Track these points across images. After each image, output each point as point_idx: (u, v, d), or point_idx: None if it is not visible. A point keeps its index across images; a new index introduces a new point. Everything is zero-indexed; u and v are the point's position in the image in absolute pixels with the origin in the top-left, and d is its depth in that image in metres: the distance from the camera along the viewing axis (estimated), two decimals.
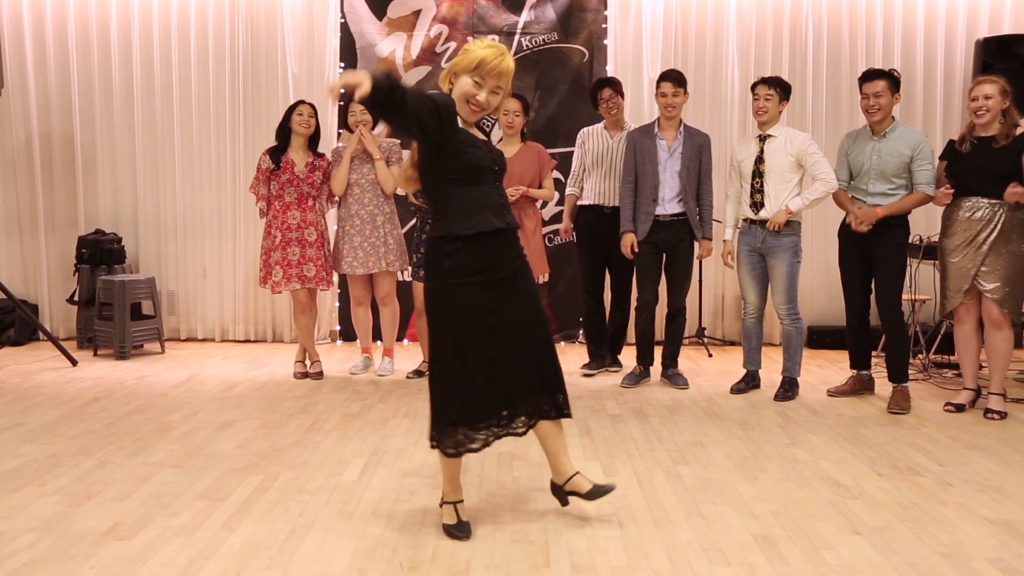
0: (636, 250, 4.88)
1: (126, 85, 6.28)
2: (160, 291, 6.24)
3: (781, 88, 4.54)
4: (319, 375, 5.14)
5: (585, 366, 5.36)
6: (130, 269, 6.32)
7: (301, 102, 5.05)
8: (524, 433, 2.79)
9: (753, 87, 4.63)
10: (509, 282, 2.70)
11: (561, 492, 2.88)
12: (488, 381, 2.66)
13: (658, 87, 4.80)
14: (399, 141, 5.22)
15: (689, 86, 4.87)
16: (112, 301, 5.74)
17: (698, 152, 4.82)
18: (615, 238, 5.02)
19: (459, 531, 2.70)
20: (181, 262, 6.39)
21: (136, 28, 6.22)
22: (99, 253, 6.12)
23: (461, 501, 2.77)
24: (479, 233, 2.60)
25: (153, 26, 6.23)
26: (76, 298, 6.18)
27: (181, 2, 6.22)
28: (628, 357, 5.32)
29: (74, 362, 5.52)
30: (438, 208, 2.67)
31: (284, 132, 5.02)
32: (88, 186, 6.35)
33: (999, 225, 4.13)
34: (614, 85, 5.14)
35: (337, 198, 5.14)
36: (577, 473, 2.84)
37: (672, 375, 5.01)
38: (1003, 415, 4.23)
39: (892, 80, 4.32)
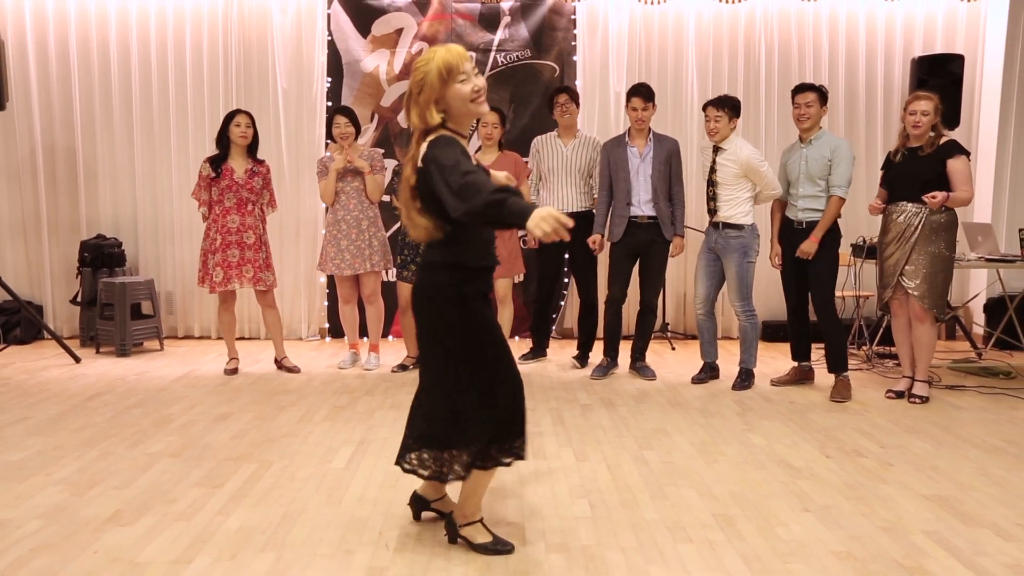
0: (599, 250, 4.95)
1: (125, 99, 6.19)
2: (159, 292, 6.16)
3: (730, 107, 4.59)
4: (234, 372, 5.07)
5: (522, 356, 5.41)
6: (130, 271, 6.24)
7: (238, 112, 4.95)
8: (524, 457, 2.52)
9: (704, 107, 4.67)
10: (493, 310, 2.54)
11: (426, 505, 2.71)
12: (518, 394, 2.45)
13: (628, 101, 4.82)
14: (382, 151, 5.20)
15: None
16: (113, 302, 5.67)
17: (668, 157, 4.84)
18: (574, 242, 5.04)
19: (503, 545, 2.47)
20: (178, 265, 6.32)
21: (135, 45, 6.14)
22: (100, 256, 6.04)
23: (482, 517, 2.54)
24: (487, 267, 2.44)
25: (151, 43, 6.15)
26: (79, 299, 6.10)
27: (177, 20, 6.15)
28: (596, 354, 5.34)
29: (77, 359, 5.44)
30: (446, 235, 2.34)
31: (223, 141, 4.93)
32: (89, 194, 6.27)
33: (920, 227, 4.22)
34: (570, 92, 5.17)
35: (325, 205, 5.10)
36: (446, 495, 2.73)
37: (640, 367, 5.03)
38: (925, 400, 4.32)
39: (821, 93, 4.44)
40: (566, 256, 5.35)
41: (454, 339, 2.37)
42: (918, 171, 4.21)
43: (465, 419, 2.38)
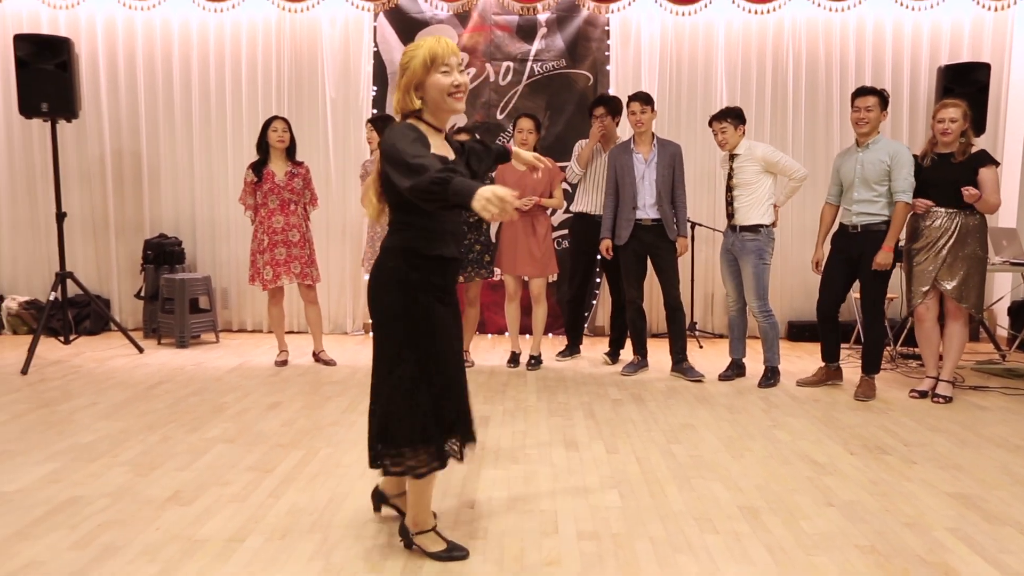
0: (610, 254, 4.93)
1: (185, 107, 6.31)
2: (215, 288, 6.27)
3: (732, 117, 4.56)
4: (284, 363, 5.12)
5: (558, 353, 5.41)
6: (189, 269, 6.36)
7: (276, 118, 5.00)
8: (461, 459, 2.36)
9: (709, 124, 4.64)
10: (455, 308, 2.36)
11: (385, 499, 2.61)
12: (453, 398, 2.28)
13: (628, 105, 4.76)
14: None
15: (682, 106, 4.86)
16: (173, 296, 5.78)
17: (671, 161, 4.78)
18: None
19: (456, 551, 2.35)
20: (232, 262, 6.42)
21: (195, 57, 6.25)
22: (162, 254, 6.16)
23: (435, 525, 2.40)
24: (440, 256, 2.26)
25: (209, 55, 6.26)
26: (142, 294, 6.22)
27: (234, 34, 6.25)
28: (627, 351, 5.31)
29: (141, 350, 5.56)
30: (400, 220, 2.26)
31: (263, 147, 4.99)
32: (153, 196, 6.40)
33: (956, 232, 4.11)
34: (608, 103, 5.09)
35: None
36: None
37: (686, 369, 4.81)
38: (948, 400, 4.21)
39: (882, 98, 4.24)
40: (598, 256, 5.32)
41: (391, 327, 2.23)
42: (951, 177, 4.09)
43: (394, 416, 2.24)
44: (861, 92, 4.27)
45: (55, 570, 2.27)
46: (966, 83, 5.56)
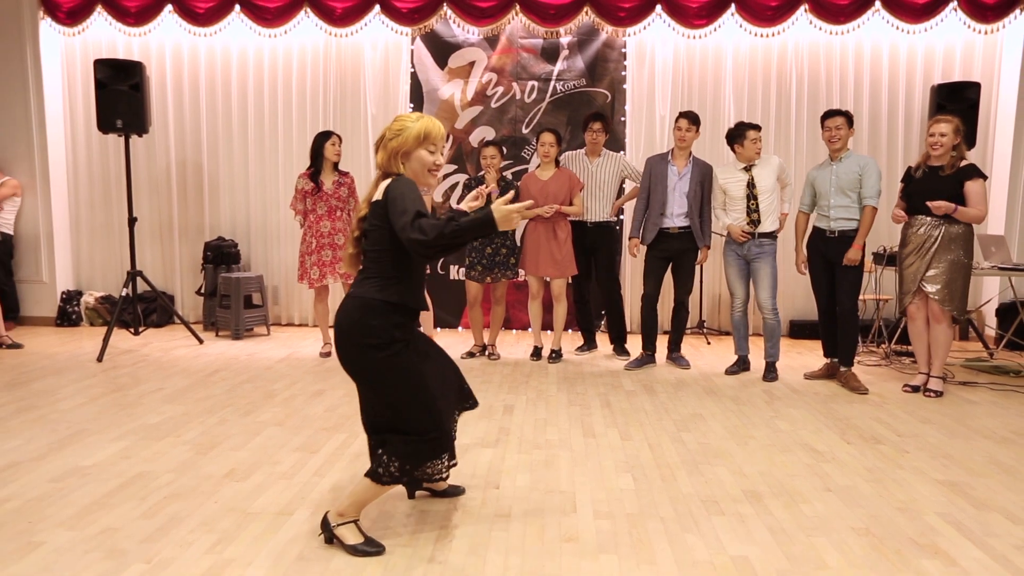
0: (635, 254, 4.94)
1: (242, 122, 6.39)
2: (266, 286, 6.34)
3: (757, 130, 4.58)
4: (328, 355, 5.13)
5: (577, 348, 5.42)
6: (244, 268, 6.43)
7: (333, 133, 5.02)
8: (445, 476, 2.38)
9: (736, 135, 4.56)
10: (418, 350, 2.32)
11: (418, 485, 2.60)
12: (445, 411, 2.30)
13: (676, 122, 4.78)
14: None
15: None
16: (230, 293, 5.85)
17: (702, 177, 4.78)
18: (597, 247, 5.08)
19: (371, 546, 2.23)
20: (283, 263, 6.49)
21: (251, 78, 6.33)
22: (220, 255, 6.23)
23: (359, 519, 2.29)
24: (415, 309, 2.26)
25: (264, 76, 6.33)
26: (202, 290, 6.31)
27: (286, 57, 6.31)
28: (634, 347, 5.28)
29: (201, 341, 5.63)
30: (385, 271, 2.19)
31: (318, 158, 5.01)
32: (212, 202, 6.48)
33: (939, 238, 4.06)
34: (605, 120, 5.12)
35: None
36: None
37: (676, 358, 4.97)
38: (939, 394, 4.14)
39: (848, 117, 4.32)
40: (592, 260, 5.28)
41: (386, 382, 2.19)
42: (937, 188, 4.04)
43: (414, 444, 2.21)
44: (830, 114, 4.35)
45: (127, 536, 2.32)
46: (958, 101, 5.45)
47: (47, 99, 6.22)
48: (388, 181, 2.22)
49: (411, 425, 2.21)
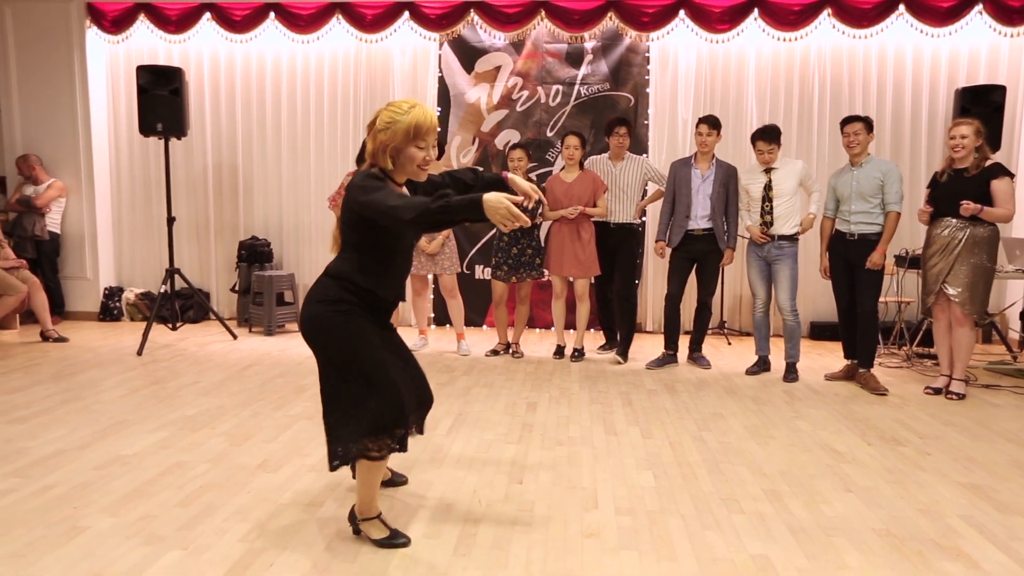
0: (663, 255, 4.90)
1: (275, 126, 6.46)
2: (298, 284, 6.41)
3: (775, 138, 4.50)
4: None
5: (599, 347, 5.39)
6: (276, 267, 6.50)
7: None
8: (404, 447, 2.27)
9: (753, 140, 4.55)
10: (387, 330, 2.28)
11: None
12: (402, 386, 2.19)
13: (697, 127, 4.74)
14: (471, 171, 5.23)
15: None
16: (263, 291, 5.92)
17: (726, 180, 4.73)
18: (619, 250, 5.02)
19: (398, 538, 2.22)
20: (314, 261, 6.55)
21: (284, 83, 6.40)
22: (254, 254, 6.31)
23: (380, 512, 2.27)
24: (385, 298, 2.20)
25: (296, 81, 6.39)
26: (237, 288, 6.39)
27: (318, 63, 6.37)
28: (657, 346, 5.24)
29: (235, 337, 5.70)
30: (358, 251, 2.15)
31: (363, 158, 5.04)
32: (247, 203, 6.57)
33: (964, 241, 3.97)
34: (629, 125, 5.10)
35: None
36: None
37: (697, 357, 4.92)
38: (961, 396, 4.05)
39: (866, 123, 4.25)
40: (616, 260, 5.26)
41: (335, 342, 2.12)
42: (962, 190, 3.95)
43: (350, 414, 2.14)
44: (849, 120, 4.29)
45: (165, 523, 2.36)
46: (982, 104, 5.32)
47: (92, 104, 6.35)
48: (351, 178, 2.11)
49: (353, 391, 2.11)
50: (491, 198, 1.91)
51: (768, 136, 4.48)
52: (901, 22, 5.73)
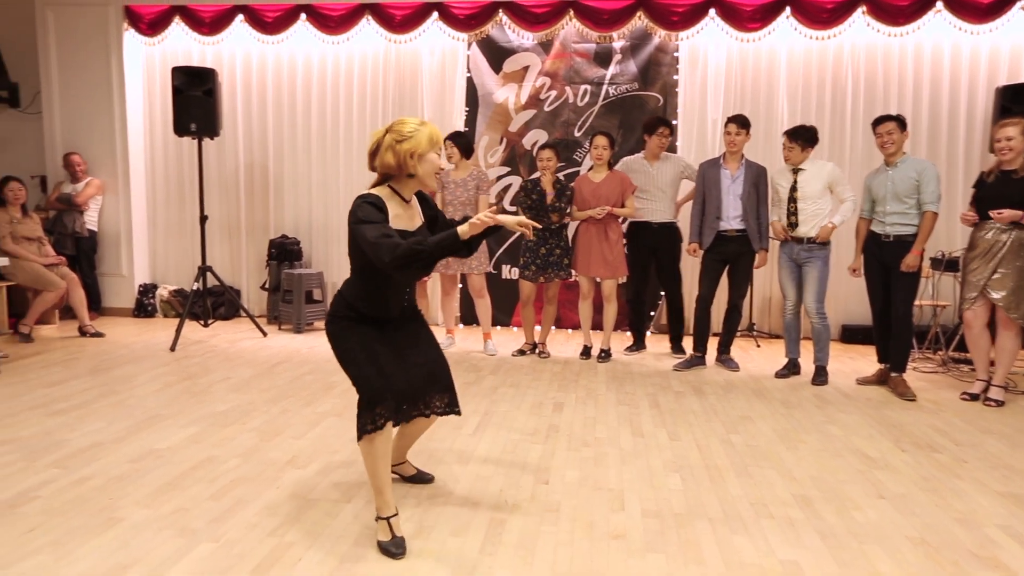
0: (696, 254, 4.85)
1: (305, 127, 6.54)
2: (327, 282, 6.48)
3: (803, 139, 4.42)
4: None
5: (626, 348, 5.36)
6: (306, 265, 6.57)
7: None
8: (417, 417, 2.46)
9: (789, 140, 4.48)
10: (396, 325, 2.41)
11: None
12: (387, 368, 2.28)
13: (726, 126, 4.69)
14: (487, 172, 5.22)
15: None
16: (292, 289, 5.99)
17: (756, 180, 4.68)
18: (661, 248, 5.01)
19: (394, 547, 2.18)
20: (342, 260, 6.61)
21: (315, 84, 6.47)
22: (284, 252, 6.39)
23: (396, 515, 2.26)
24: (377, 318, 2.34)
25: (327, 82, 6.46)
26: (267, 286, 6.47)
27: (348, 63, 6.43)
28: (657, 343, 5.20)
29: (264, 334, 5.78)
30: (360, 278, 2.31)
31: None
32: (277, 202, 6.65)
33: (1008, 244, 3.86)
34: (671, 126, 5.08)
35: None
36: (406, 461, 2.75)
37: (725, 360, 4.87)
38: (1000, 403, 3.94)
39: (900, 122, 4.16)
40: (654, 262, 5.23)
41: (339, 350, 2.32)
42: (1008, 192, 3.84)
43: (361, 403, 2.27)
44: (881, 120, 4.20)
45: (197, 516, 2.40)
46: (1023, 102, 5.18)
47: (129, 105, 6.49)
48: (356, 200, 2.24)
49: (351, 377, 2.29)
50: (465, 229, 2.15)
51: (792, 134, 4.42)
52: (939, 19, 5.60)
